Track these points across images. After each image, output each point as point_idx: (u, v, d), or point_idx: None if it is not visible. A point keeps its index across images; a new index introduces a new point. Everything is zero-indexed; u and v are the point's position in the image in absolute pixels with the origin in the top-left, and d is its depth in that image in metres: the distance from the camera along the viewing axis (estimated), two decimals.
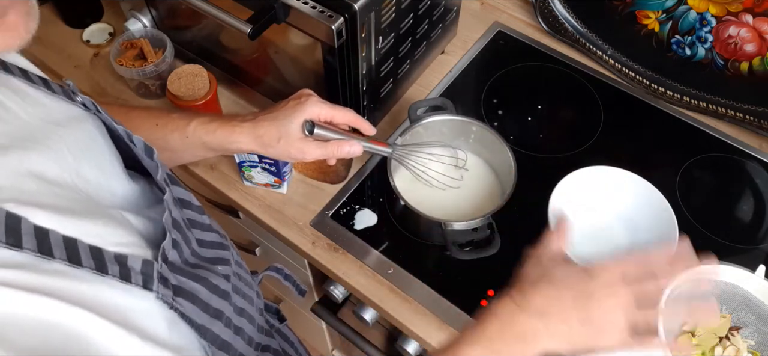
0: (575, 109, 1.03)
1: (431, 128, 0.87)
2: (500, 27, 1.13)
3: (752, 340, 0.65)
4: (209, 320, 0.48)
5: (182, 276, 0.46)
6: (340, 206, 0.89)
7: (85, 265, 0.38)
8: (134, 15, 1.00)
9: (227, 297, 0.52)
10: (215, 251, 0.56)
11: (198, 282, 0.47)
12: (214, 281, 0.50)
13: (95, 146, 0.49)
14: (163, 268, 0.43)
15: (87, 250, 0.38)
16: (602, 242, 0.84)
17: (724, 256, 0.76)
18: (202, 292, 0.47)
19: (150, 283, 0.41)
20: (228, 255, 0.57)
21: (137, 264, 0.41)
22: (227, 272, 0.54)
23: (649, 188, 0.82)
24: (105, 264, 0.39)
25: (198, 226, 0.55)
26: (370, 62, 0.83)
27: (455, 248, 0.76)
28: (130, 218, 0.47)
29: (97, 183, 0.47)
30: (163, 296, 0.42)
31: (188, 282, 0.46)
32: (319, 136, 0.71)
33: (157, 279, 0.42)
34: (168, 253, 0.45)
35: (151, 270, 0.42)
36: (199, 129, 0.69)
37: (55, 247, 0.37)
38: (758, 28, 0.89)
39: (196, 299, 0.46)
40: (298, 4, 0.73)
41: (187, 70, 0.93)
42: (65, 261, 0.37)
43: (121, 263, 0.40)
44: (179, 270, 0.46)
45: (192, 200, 0.56)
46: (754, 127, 0.96)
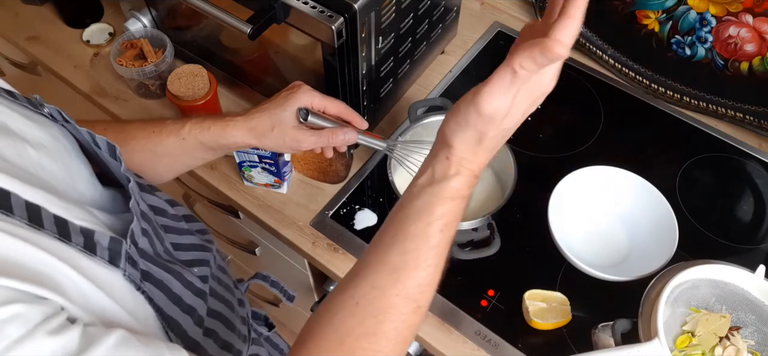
0: (575, 109, 1.03)
1: (431, 128, 0.87)
2: (500, 27, 1.13)
3: (752, 340, 0.65)
4: (180, 314, 0.47)
5: (153, 265, 0.45)
6: (340, 206, 0.89)
7: (46, 228, 0.36)
8: (134, 15, 1.00)
9: (203, 295, 0.51)
10: (194, 253, 0.55)
11: (171, 273, 0.47)
12: (188, 277, 0.49)
13: (59, 147, 0.48)
14: (132, 249, 0.42)
15: (51, 218, 0.37)
16: (602, 242, 0.84)
17: (724, 256, 0.76)
18: (174, 284, 0.46)
19: (117, 259, 0.40)
20: (208, 257, 0.56)
21: (104, 240, 0.40)
22: (204, 273, 0.54)
23: (649, 188, 0.82)
24: (69, 232, 0.38)
25: (174, 231, 0.55)
26: (370, 62, 0.83)
27: (455, 248, 0.76)
28: (96, 213, 0.46)
29: (62, 179, 0.45)
30: (131, 275, 0.41)
31: (159, 271, 0.45)
32: (313, 123, 0.70)
33: (125, 257, 0.41)
34: (137, 238, 0.44)
35: (119, 248, 0.41)
36: (194, 129, 0.69)
37: (16, 207, 0.35)
38: (758, 28, 0.89)
39: (166, 289, 0.45)
40: (298, 4, 0.73)
41: (187, 70, 0.93)
42: (25, 221, 0.35)
43: (86, 236, 0.39)
44: (150, 258, 0.45)
45: (166, 208, 0.56)
46: (754, 127, 0.96)
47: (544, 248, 0.80)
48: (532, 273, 0.82)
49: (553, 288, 0.80)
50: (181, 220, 0.57)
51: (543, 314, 0.76)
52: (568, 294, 0.79)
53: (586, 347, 0.74)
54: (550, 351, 0.76)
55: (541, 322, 0.76)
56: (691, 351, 0.64)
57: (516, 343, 0.76)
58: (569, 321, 0.77)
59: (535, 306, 0.77)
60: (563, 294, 0.78)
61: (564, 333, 0.77)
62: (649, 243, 0.80)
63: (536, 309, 0.76)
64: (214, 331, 0.54)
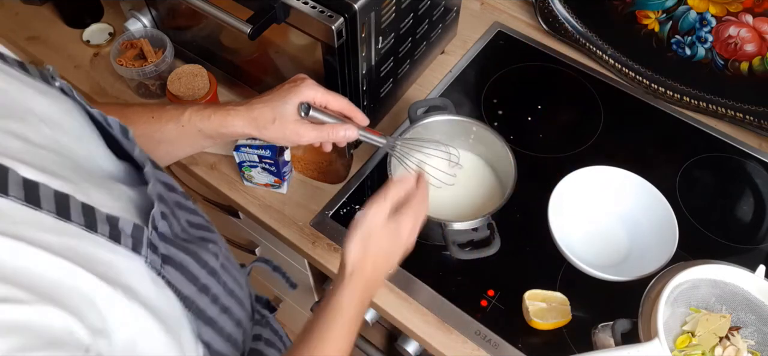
0: (575, 109, 1.03)
1: (431, 128, 0.87)
2: (500, 27, 1.13)
3: (752, 340, 0.65)
4: (196, 293, 0.48)
5: (172, 247, 0.46)
6: (340, 206, 0.89)
7: (74, 220, 0.37)
8: (134, 15, 1.00)
9: (215, 274, 0.52)
10: (203, 232, 0.56)
11: (187, 253, 0.48)
12: (203, 256, 0.50)
13: (73, 123, 0.49)
14: (153, 235, 0.43)
15: (79, 207, 0.38)
16: (602, 242, 0.84)
17: (724, 256, 0.76)
18: (191, 264, 0.48)
19: (139, 247, 0.41)
20: (216, 238, 0.58)
21: (128, 227, 0.41)
22: (216, 251, 0.55)
23: (649, 188, 0.82)
24: (95, 222, 0.38)
25: (185, 209, 0.56)
26: (370, 62, 0.83)
27: (455, 248, 0.76)
28: (122, 188, 0.47)
29: (80, 154, 0.46)
30: (152, 261, 0.42)
31: (178, 253, 0.46)
32: (314, 118, 0.70)
33: (147, 244, 0.42)
34: (158, 223, 0.45)
35: (141, 235, 0.42)
36: (194, 117, 0.68)
37: (45, 200, 0.36)
38: (758, 28, 0.89)
39: (184, 270, 0.46)
40: (298, 4, 0.73)
41: (187, 70, 0.93)
42: (53, 213, 0.36)
43: (111, 225, 0.40)
44: (169, 240, 0.46)
45: (176, 185, 0.56)
46: (754, 127, 0.96)
47: (544, 248, 0.80)
48: (532, 273, 0.82)
49: (553, 288, 0.80)
50: (189, 198, 0.58)
51: (543, 314, 0.76)
52: (568, 294, 0.79)
53: (586, 347, 0.74)
54: (550, 351, 0.76)
55: (541, 322, 0.76)
56: (691, 351, 0.64)
57: (516, 343, 0.76)
58: (569, 321, 0.77)
59: (535, 306, 0.77)
60: (563, 294, 0.78)
61: (564, 333, 0.77)
62: (649, 243, 0.80)
63: (536, 309, 0.76)
64: (230, 308, 0.55)
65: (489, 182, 0.89)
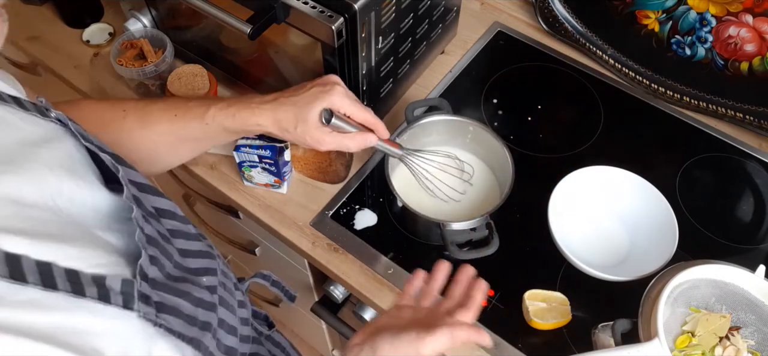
0: (575, 109, 1.03)
1: (428, 128, 0.87)
2: (500, 27, 1.13)
3: (752, 340, 0.65)
4: (199, 332, 0.46)
5: (164, 292, 0.44)
6: (340, 206, 0.89)
7: (60, 288, 0.36)
8: (134, 15, 1.00)
9: (214, 308, 0.51)
10: (201, 261, 0.54)
11: (181, 296, 0.46)
12: (197, 294, 0.49)
13: (74, 163, 0.48)
14: (143, 286, 0.42)
15: (62, 273, 0.37)
16: (602, 242, 0.84)
17: (724, 256, 0.76)
18: (185, 307, 0.46)
19: (130, 302, 0.40)
20: (214, 265, 0.56)
21: (117, 284, 0.39)
22: (213, 283, 0.53)
23: (649, 188, 0.82)
24: (82, 286, 0.37)
25: (182, 236, 0.54)
26: (370, 62, 0.83)
27: (454, 248, 0.76)
28: (110, 238, 0.45)
29: (79, 201, 0.45)
30: (145, 314, 0.41)
31: (170, 298, 0.45)
32: (334, 126, 0.70)
33: (138, 297, 0.40)
34: (147, 270, 0.43)
35: (131, 289, 0.40)
36: (219, 115, 0.67)
37: (29, 272, 0.35)
38: (758, 28, 0.89)
39: (179, 313, 0.45)
40: (298, 4, 0.73)
41: (187, 70, 0.93)
42: (39, 286, 0.35)
43: (99, 284, 0.38)
44: (161, 285, 0.45)
45: (175, 210, 0.55)
46: (754, 127, 0.96)
47: (544, 248, 0.80)
48: (532, 273, 0.82)
49: (553, 288, 0.79)
50: (189, 223, 0.56)
51: (543, 314, 0.76)
52: (568, 294, 0.78)
53: (586, 347, 0.74)
54: (550, 351, 0.76)
55: (541, 322, 0.76)
56: (691, 351, 0.64)
57: (516, 343, 0.76)
58: (569, 321, 0.77)
59: (535, 306, 0.77)
60: (563, 294, 0.78)
61: (564, 333, 0.77)
62: (649, 243, 0.80)
63: (536, 309, 0.76)
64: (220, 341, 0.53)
65: (487, 182, 0.89)
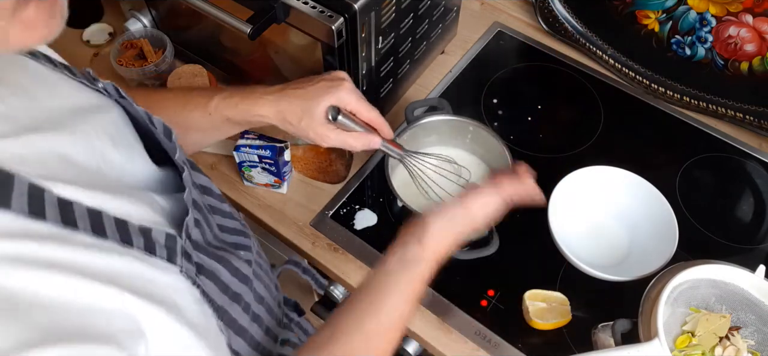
0: (575, 109, 1.03)
1: (428, 128, 0.87)
2: (500, 27, 1.13)
3: (752, 340, 0.65)
4: (228, 302, 0.48)
5: (204, 255, 0.46)
6: (340, 206, 0.89)
7: (109, 236, 0.38)
8: (134, 15, 1.00)
9: (248, 281, 0.51)
10: (237, 238, 0.56)
11: (219, 262, 0.47)
12: (235, 264, 0.50)
13: (119, 131, 0.49)
14: (187, 244, 0.43)
15: (112, 222, 0.38)
16: (602, 243, 0.84)
17: (724, 256, 0.76)
18: (223, 273, 0.47)
19: (174, 257, 0.41)
20: (250, 243, 0.57)
21: (161, 238, 0.41)
22: (249, 257, 0.54)
23: (649, 188, 0.82)
24: (130, 236, 0.39)
25: (219, 212, 0.55)
26: (370, 62, 0.83)
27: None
28: (155, 198, 0.47)
29: (121, 167, 0.47)
30: (187, 270, 0.42)
31: (210, 261, 0.46)
32: (341, 124, 0.69)
33: (181, 253, 0.42)
34: (191, 231, 0.45)
35: (175, 245, 0.42)
36: (221, 105, 0.67)
37: (80, 218, 0.37)
38: (758, 28, 0.89)
39: (216, 279, 0.46)
40: (298, 4, 0.73)
41: (187, 70, 0.93)
42: (89, 232, 0.37)
43: (145, 236, 0.40)
44: (202, 248, 0.46)
45: (213, 188, 0.56)
46: (754, 127, 0.96)
47: (544, 248, 0.80)
48: (532, 273, 0.82)
49: (553, 288, 0.79)
50: (225, 201, 0.57)
51: (543, 314, 0.76)
52: (568, 294, 0.78)
53: (586, 347, 0.74)
54: (550, 351, 0.76)
55: (541, 322, 0.76)
56: (691, 351, 0.64)
57: (516, 343, 0.76)
58: (569, 321, 0.77)
59: (535, 306, 0.77)
60: (563, 294, 0.78)
61: (564, 333, 0.77)
62: (649, 243, 0.80)
63: (536, 309, 0.76)
64: (260, 317, 0.54)
65: None
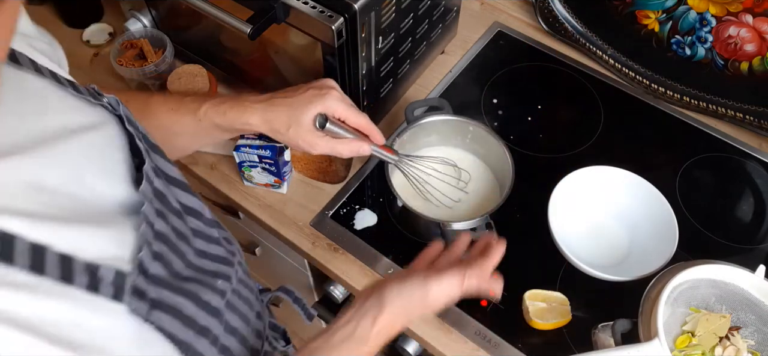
0: (575, 109, 1.03)
1: (428, 128, 0.87)
2: (500, 27, 1.13)
3: (752, 340, 0.65)
4: (194, 336, 0.46)
5: (166, 290, 0.44)
6: (340, 206, 0.89)
7: (48, 274, 0.36)
8: (134, 15, 1.00)
9: (218, 314, 0.50)
10: (218, 266, 0.54)
11: (185, 296, 0.46)
12: (205, 297, 0.48)
13: (109, 152, 0.48)
14: (139, 280, 0.41)
15: (55, 259, 0.37)
16: (602, 243, 0.84)
17: (724, 256, 0.76)
18: (187, 307, 0.46)
19: (120, 295, 0.39)
20: (231, 272, 0.55)
21: (110, 275, 0.39)
22: (225, 287, 0.53)
23: (649, 188, 0.82)
24: (72, 274, 0.37)
25: (203, 237, 0.54)
26: (370, 62, 0.83)
27: None
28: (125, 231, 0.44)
29: (100, 192, 0.45)
30: (136, 309, 0.40)
31: (172, 296, 0.44)
32: (329, 132, 0.70)
33: (130, 291, 0.40)
34: (148, 265, 0.43)
35: (123, 282, 0.40)
36: (210, 111, 0.68)
37: (19, 254, 0.35)
38: (758, 28, 0.89)
39: (178, 314, 0.45)
40: (298, 4, 0.73)
41: (187, 70, 0.93)
42: (26, 269, 0.35)
43: (91, 273, 0.38)
44: (164, 283, 0.44)
45: (203, 211, 0.54)
46: (754, 127, 0.96)
47: (544, 248, 0.80)
48: (532, 273, 0.82)
49: (553, 288, 0.79)
50: (214, 226, 0.56)
51: (543, 314, 0.76)
52: (568, 294, 0.78)
53: (586, 347, 0.74)
54: (550, 351, 0.76)
55: (541, 322, 0.76)
56: (691, 351, 0.64)
57: (516, 343, 0.76)
58: (569, 321, 0.77)
59: (535, 306, 0.77)
60: (563, 294, 0.78)
61: (564, 333, 0.77)
62: (649, 243, 0.80)
63: (536, 309, 0.76)
64: (229, 348, 0.53)
65: (487, 182, 0.89)
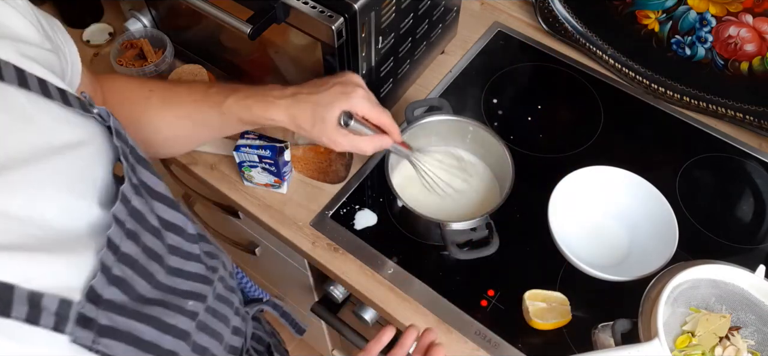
0: (575, 109, 1.03)
1: (428, 128, 0.87)
2: (500, 27, 1.13)
3: (752, 340, 0.65)
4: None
5: (122, 316, 0.43)
6: (340, 206, 0.89)
7: None
8: (134, 15, 1.00)
9: (186, 337, 0.49)
10: (192, 284, 0.53)
11: (145, 322, 0.45)
12: (170, 320, 0.47)
13: (88, 172, 0.46)
14: (87, 308, 0.40)
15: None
16: (602, 243, 0.84)
17: (724, 256, 0.76)
18: (147, 333, 0.45)
19: (63, 325, 0.38)
20: (207, 290, 0.54)
21: (53, 304, 0.38)
22: (197, 308, 0.52)
23: (649, 188, 0.82)
24: (10, 305, 0.36)
25: (181, 255, 0.53)
26: (370, 62, 0.83)
27: (454, 248, 0.76)
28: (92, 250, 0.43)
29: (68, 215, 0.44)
30: (78, 338, 0.39)
31: (129, 322, 0.43)
32: (353, 129, 0.70)
33: (75, 320, 0.39)
34: (101, 291, 0.42)
35: (68, 311, 0.39)
36: (235, 106, 0.68)
37: None
38: (758, 28, 0.89)
39: (136, 340, 0.44)
40: (298, 4, 0.73)
41: (187, 70, 0.93)
42: None
43: (32, 304, 0.37)
44: (120, 308, 0.43)
45: (185, 227, 0.53)
46: (754, 127, 0.96)
47: (544, 248, 0.80)
48: (532, 273, 0.82)
49: (553, 288, 0.80)
50: (197, 242, 0.55)
51: (543, 314, 0.76)
52: (568, 294, 0.79)
53: (586, 347, 0.74)
54: (550, 351, 0.76)
55: (541, 322, 0.76)
56: (691, 351, 0.64)
57: (516, 343, 0.76)
58: (569, 321, 0.77)
59: (535, 306, 0.77)
60: (563, 294, 0.78)
61: (564, 333, 0.77)
62: (649, 243, 0.80)
63: (536, 309, 0.76)
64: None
65: (487, 182, 0.89)
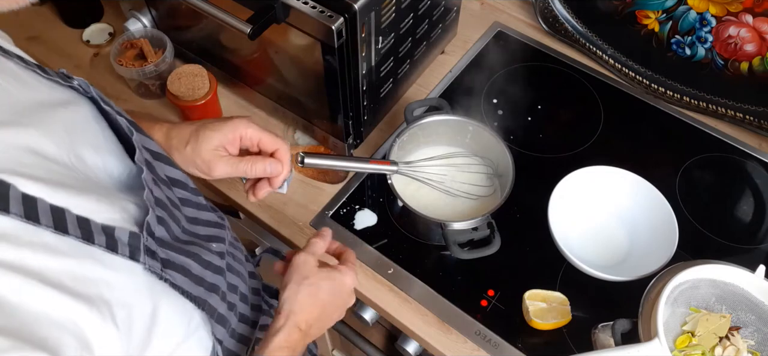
0: (575, 109, 1.03)
1: (427, 128, 0.87)
2: (500, 27, 1.13)
3: (752, 340, 0.65)
4: (205, 292, 0.49)
5: (172, 251, 0.47)
6: (340, 206, 0.89)
7: (71, 233, 0.38)
8: (134, 15, 1.00)
9: (222, 272, 0.53)
10: (210, 229, 0.57)
11: (189, 256, 0.49)
12: (206, 257, 0.51)
13: (90, 127, 0.50)
14: (149, 241, 0.44)
15: (74, 220, 0.39)
16: (602, 243, 0.84)
17: (724, 256, 0.76)
18: (193, 266, 0.49)
19: (137, 254, 0.42)
20: (223, 234, 0.58)
21: (124, 236, 0.42)
22: (222, 249, 0.56)
23: (649, 188, 0.82)
24: (92, 234, 0.40)
25: (192, 205, 0.57)
26: (370, 62, 0.83)
27: (455, 248, 0.76)
28: (123, 200, 0.48)
29: (93, 163, 0.48)
30: (151, 267, 0.43)
31: (178, 257, 0.47)
32: (310, 165, 0.75)
33: (144, 250, 0.43)
34: (154, 228, 0.46)
35: (138, 242, 0.43)
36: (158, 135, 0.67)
37: (43, 215, 0.37)
38: (758, 28, 0.89)
39: (187, 272, 0.48)
40: (298, 4, 0.73)
41: (187, 70, 0.93)
42: (51, 228, 0.37)
43: (108, 234, 0.41)
44: (169, 245, 0.47)
45: (187, 181, 0.57)
46: (754, 127, 0.96)
47: (544, 248, 0.80)
48: (532, 273, 0.82)
49: (553, 288, 0.80)
50: (200, 193, 0.59)
51: (543, 314, 0.76)
52: (568, 294, 0.79)
53: (586, 347, 0.74)
54: (550, 351, 0.76)
55: (541, 322, 0.76)
56: (691, 351, 0.64)
57: (516, 343, 0.76)
58: (569, 321, 0.77)
59: (535, 306, 0.77)
60: (563, 294, 0.78)
61: (564, 333, 0.77)
62: (649, 243, 0.80)
63: (536, 309, 0.76)
64: (234, 305, 0.57)
65: (487, 182, 0.89)
